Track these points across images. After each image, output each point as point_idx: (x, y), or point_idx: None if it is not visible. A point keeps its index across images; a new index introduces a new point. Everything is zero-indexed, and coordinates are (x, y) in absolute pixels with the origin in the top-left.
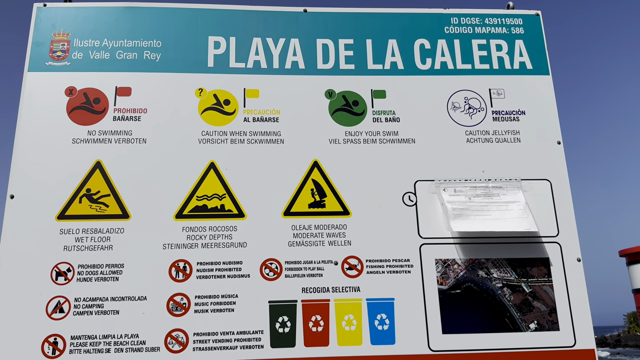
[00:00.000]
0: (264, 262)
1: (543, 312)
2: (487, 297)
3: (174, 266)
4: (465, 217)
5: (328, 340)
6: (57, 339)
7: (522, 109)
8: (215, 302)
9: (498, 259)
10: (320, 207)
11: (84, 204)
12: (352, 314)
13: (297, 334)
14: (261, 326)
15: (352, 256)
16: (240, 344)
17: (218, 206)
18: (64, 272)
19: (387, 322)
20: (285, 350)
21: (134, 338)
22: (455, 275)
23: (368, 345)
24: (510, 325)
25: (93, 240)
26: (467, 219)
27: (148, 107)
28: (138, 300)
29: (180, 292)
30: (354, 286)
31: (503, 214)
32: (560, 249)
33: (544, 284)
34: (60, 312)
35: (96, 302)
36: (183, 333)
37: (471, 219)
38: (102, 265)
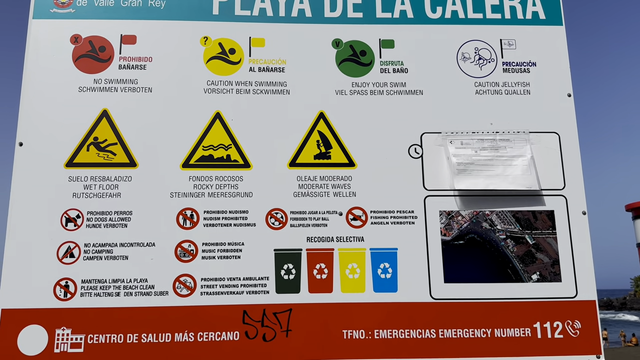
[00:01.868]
0: (269, 211)
1: (546, 264)
2: (490, 248)
3: (181, 214)
4: (469, 174)
5: (332, 287)
6: (68, 283)
7: (533, 60)
8: (222, 250)
9: (502, 212)
10: (325, 158)
11: (91, 152)
12: (356, 263)
13: (301, 280)
14: (267, 273)
15: (357, 207)
16: (246, 290)
17: (224, 156)
18: (74, 219)
19: (390, 271)
20: (290, 296)
21: (142, 282)
22: (459, 227)
23: (371, 292)
24: (512, 276)
25: (101, 188)
26: (470, 176)
27: (153, 56)
28: (146, 247)
29: (188, 239)
30: (358, 236)
31: (507, 169)
32: (566, 202)
33: (547, 236)
34: (71, 257)
35: (105, 247)
36: (191, 278)
37: (474, 175)
38: (110, 212)
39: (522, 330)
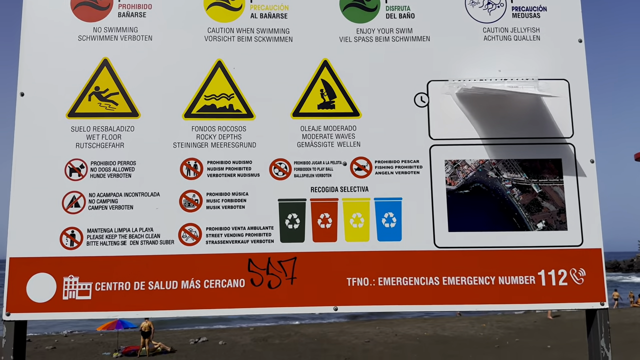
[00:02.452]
0: (273, 162)
1: (552, 212)
2: (495, 197)
3: (185, 164)
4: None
5: (336, 236)
6: (74, 232)
7: (544, 5)
8: (226, 200)
9: (509, 160)
10: (329, 108)
11: (93, 102)
12: (360, 212)
13: (306, 230)
14: (271, 222)
15: (361, 157)
16: (251, 239)
17: (227, 106)
18: (77, 169)
19: (394, 220)
20: (294, 245)
21: (148, 231)
22: (465, 176)
23: (375, 241)
24: (518, 225)
25: (104, 138)
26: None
27: (152, 3)
28: (151, 196)
29: (192, 189)
30: (362, 186)
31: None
32: (574, 150)
33: (554, 184)
34: (76, 206)
35: (110, 197)
36: (196, 227)
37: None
38: (114, 162)
39: (527, 279)
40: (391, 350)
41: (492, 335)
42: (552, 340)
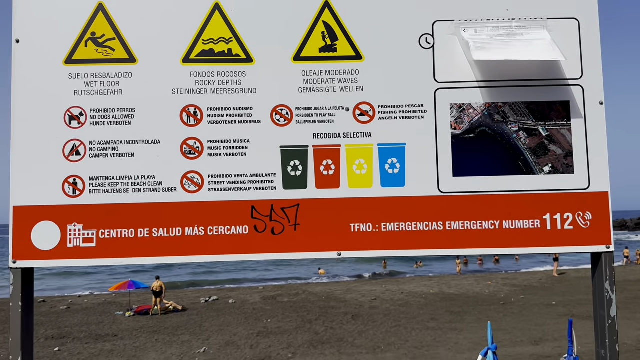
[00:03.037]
0: (274, 108)
1: (558, 156)
2: (501, 141)
3: (184, 111)
4: (488, 49)
5: (339, 183)
6: (76, 180)
7: None
8: (228, 147)
9: (516, 103)
10: (331, 51)
11: (90, 48)
12: (363, 159)
13: (308, 176)
14: (273, 169)
15: (364, 102)
16: (253, 186)
17: (225, 50)
18: (77, 116)
19: (398, 166)
20: (297, 192)
21: (150, 179)
22: (470, 120)
23: (378, 187)
24: (524, 168)
25: (102, 85)
26: (489, 50)
27: None
28: (152, 144)
29: (193, 137)
30: (366, 132)
31: (527, 46)
32: (583, 91)
33: (562, 127)
34: (77, 154)
35: (111, 145)
36: (198, 175)
37: (494, 49)
38: (113, 110)
39: (532, 222)
40: (398, 308)
41: (497, 292)
42: (558, 297)
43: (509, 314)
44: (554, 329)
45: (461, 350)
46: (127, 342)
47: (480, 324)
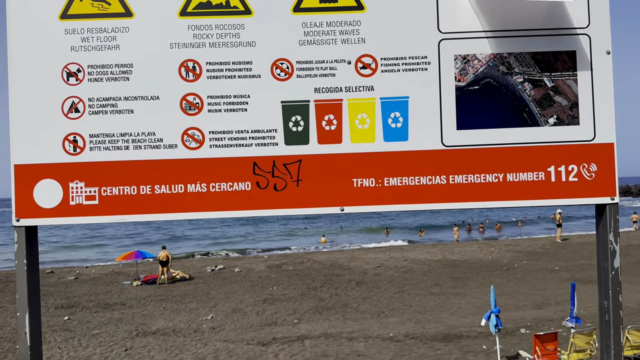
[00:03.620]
0: (274, 62)
1: (564, 107)
2: (506, 93)
3: (183, 66)
4: None
5: (341, 138)
6: (76, 137)
7: None
8: (228, 102)
9: (521, 53)
10: (332, 1)
11: (85, 3)
12: (366, 113)
13: (310, 132)
14: (275, 125)
15: (366, 54)
16: (255, 142)
17: (223, 2)
18: (75, 73)
19: (401, 120)
20: (299, 148)
21: (150, 136)
22: (475, 71)
23: (381, 142)
24: (528, 120)
25: (99, 40)
26: None
27: None
28: (151, 100)
29: (192, 92)
30: (368, 85)
31: None
32: (590, 40)
33: (567, 78)
34: (76, 111)
35: (110, 101)
36: (199, 131)
37: None
38: (111, 65)
39: (536, 175)
40: (401, 274)
41: (500, 258)
42: (560, 262)
43: (511, 279)
44: (556, 293)
45: (464, 315)
46: (135, 310)
47: (483, 289)
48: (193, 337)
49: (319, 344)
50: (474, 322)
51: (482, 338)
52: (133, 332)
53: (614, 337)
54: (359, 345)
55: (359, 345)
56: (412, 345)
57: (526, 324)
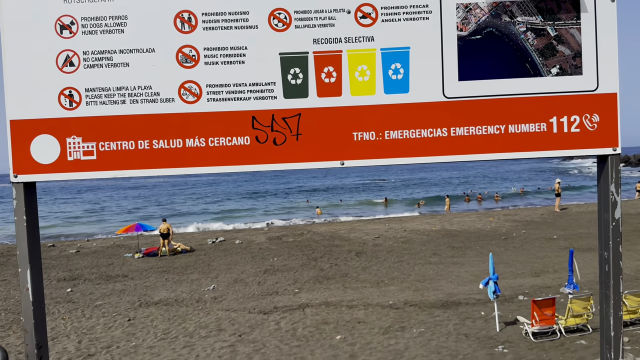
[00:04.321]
0: (271, 12)
1: (567, 57)
2: (508, 42)
3: (178, 17)
4: None
5: (341, 91)
6: (72, 92)
7: None
8: (225, 55)
9: (524, 1)
10: None
11: None
12: (366, 64)
13: (309, 85)
14: (273, 78)
15: (366, 3)
16: (253, 95)
17: None
18: (68, 26)
19: (402, 72)
20: (298, 101)
21: (147, 90)
22: (477, 21)
23: (381, 94)
24: (531, 71)
25: None
26: None
27: None
28: (146, 53)
29: (188, 44)
30: (368, 36)
31: None
32: None
33: (571, 26)
34: (71, 65)
35: (105, 54)
36: (196, 85)
37: None
38: (105, 17)
39: (538, 126)
40: (400, 244)
41: (499, 228)
42: (559, 231)
43: (510, 248)
44: (554, 261)
45: (462, 283)
46: (137, 282)
47: (481, 258)
48: (195, 307)
49: (319, 312)
50: (473, 289)
51: (480, 305)
52: (136, 303)
53: (613, 287)
54: (359, 312)
55: (359, 312)
56: (411, 312)
57: (524, 291)
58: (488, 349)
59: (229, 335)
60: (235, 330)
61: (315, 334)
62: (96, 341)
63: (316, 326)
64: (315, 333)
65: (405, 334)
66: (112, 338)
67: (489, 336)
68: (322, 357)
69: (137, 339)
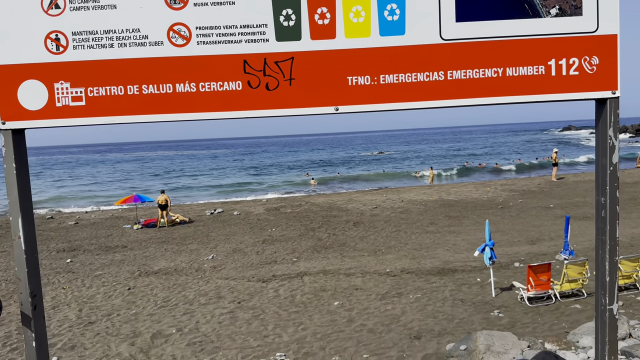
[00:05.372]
0: None
1: None
2: None
3: None
4: None
5: (335, 33)
6: (58, 35)
7: None
8: None
9: None
10: None
11: None
12: (360, 5)
13: (302, 27)
14: (265, 19)
15: None
16: (244, 38)
17: None
18: None
19: (398, 12)
20: (291, 44)
21: (135, 33)
22: None
23: (377, 36)
24: (530, 11)
25: None
26: None
27: None
28: None
29: None
30: None
31: None
32: None
33: None
34: (56, 7)
35: None
36: (185, 27)
37: None
38: None
39: (536, 69)
40: (398, 215)
41: (495, 197)
42: (556, 200)
43: (506, 217)
44: (550, 229)
45: (459, 251)
46: (136, 252)
47: (478, 227)
48: (195, 276)
49: (317, 279)
50: (469, 257)
51: (476, 272)
52: (135, 273)
53: (609, 232)
54: (357, 280)
55: (357, 280)
56: (408, 279)
57: (520, 259)
58: (484, 313)
59: (228, 302)
60: (234, 297)
61: (313, 300)
62: (96, 309)
63: (314, 293)
64: (313, 300)
65: (402, 299)
66: (113, 306)
67: (484, 301)
68: (320, 322)
69: (138, 307)
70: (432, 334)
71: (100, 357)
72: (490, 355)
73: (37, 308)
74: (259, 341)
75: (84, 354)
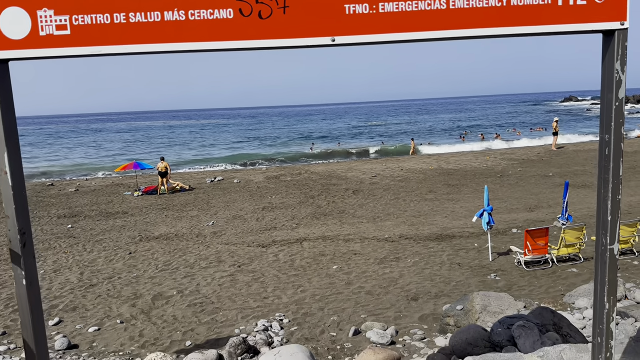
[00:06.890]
0: None
1: None
2: None
3: None
4: None
5: None
6: None
7: None
8: None
9: None
10: None
11: None
12: None
13: None
14: None
15: None
16: None
17: None
18: None
19: None
20: None
21: None
22: None
23: None
24: None
25: None
26: None
27: None
28: None
29: None
30: None
31: None
32: None
33: None
34: None
35: None
36: None
37: None
38: None
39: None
40: (397, 183)
41: (495, 166)
42: (555, 168)
43: (505, 185)
44: (549, 197)
45: (457, 217)
46: (137, 218)
47: (476, 195)
48: (195, 241)
49: (316, 245)
50: (467, 223)
51: (474, 237)
52: (136, 238)
53: (612, 170)
54: (355, 245)
55: (355, 245)
56: (406, 245)
57: (518, 225)
58: (481, 276)
59: (228, 266)
60: (234, 261)
61: (312, 264)
62: (98, 273)
63: (313, 257)
64: (312, 263)
65: (400, 263)
66: (114, 270)
67: (481, 265)
68: (319, 285)
69: (139, 270)
70: (429, 295)
71: (101, 317)
72: (487, 315)
73: (26, 245)
74: (258, 302)
75: (85, 314)
